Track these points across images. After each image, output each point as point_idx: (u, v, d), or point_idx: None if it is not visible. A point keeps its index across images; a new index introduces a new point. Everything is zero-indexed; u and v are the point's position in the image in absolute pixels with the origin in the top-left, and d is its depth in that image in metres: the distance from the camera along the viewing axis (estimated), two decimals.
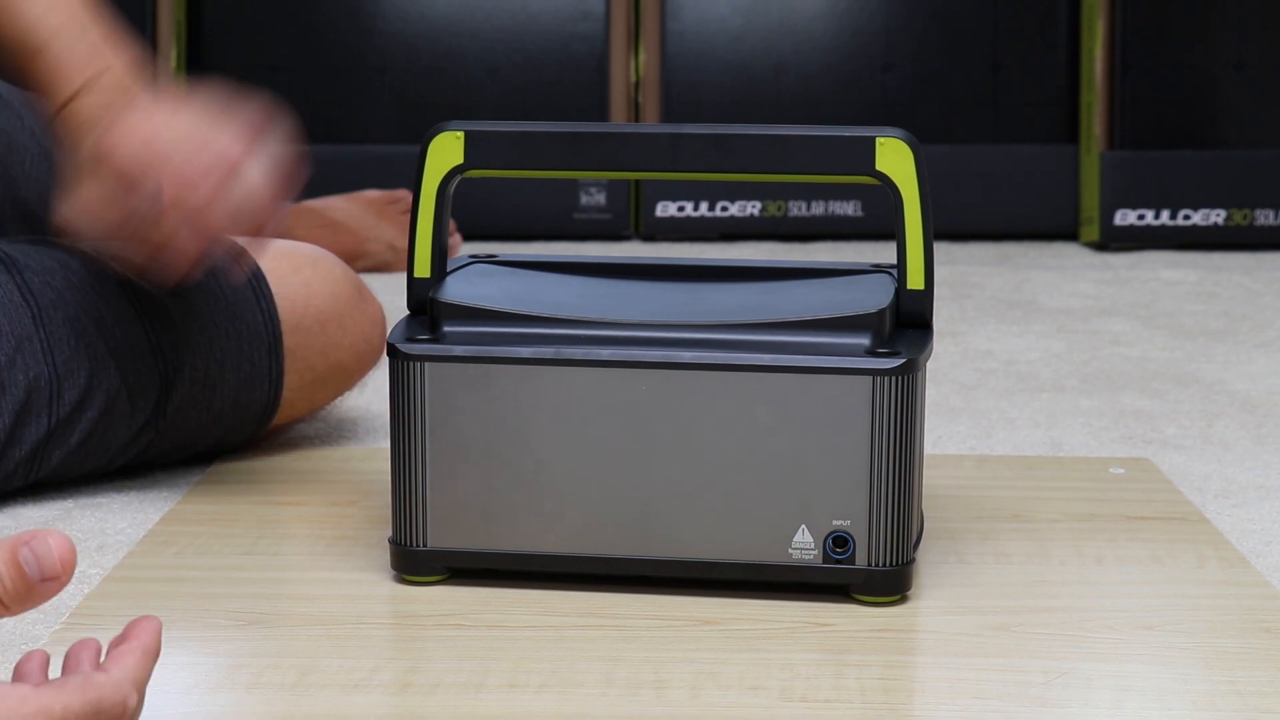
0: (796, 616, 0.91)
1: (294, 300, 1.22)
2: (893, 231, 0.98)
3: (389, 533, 0.97)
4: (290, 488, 1.17)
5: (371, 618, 0.92)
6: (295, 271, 1.23)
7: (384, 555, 0.99)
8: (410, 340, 0.95)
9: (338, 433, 1.32)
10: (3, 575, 0.61)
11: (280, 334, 1.20)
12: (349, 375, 1.28)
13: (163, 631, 0.69)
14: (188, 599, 0.94)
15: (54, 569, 0.61)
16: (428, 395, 0.95)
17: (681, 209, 2.52)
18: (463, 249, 2.28)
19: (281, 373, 1.21)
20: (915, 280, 0.96)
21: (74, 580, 0.97)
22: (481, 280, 1.01)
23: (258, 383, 1.20)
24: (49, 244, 1.17)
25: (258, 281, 1.20)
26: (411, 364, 0.94)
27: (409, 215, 0.98)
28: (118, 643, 0.69)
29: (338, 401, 1.32)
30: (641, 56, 2.51)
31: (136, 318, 1.15)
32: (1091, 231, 2.48)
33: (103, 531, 1.08)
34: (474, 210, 2.38)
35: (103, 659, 0.70)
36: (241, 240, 1.10)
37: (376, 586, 0.96)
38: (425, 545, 0.96)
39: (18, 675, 0.68)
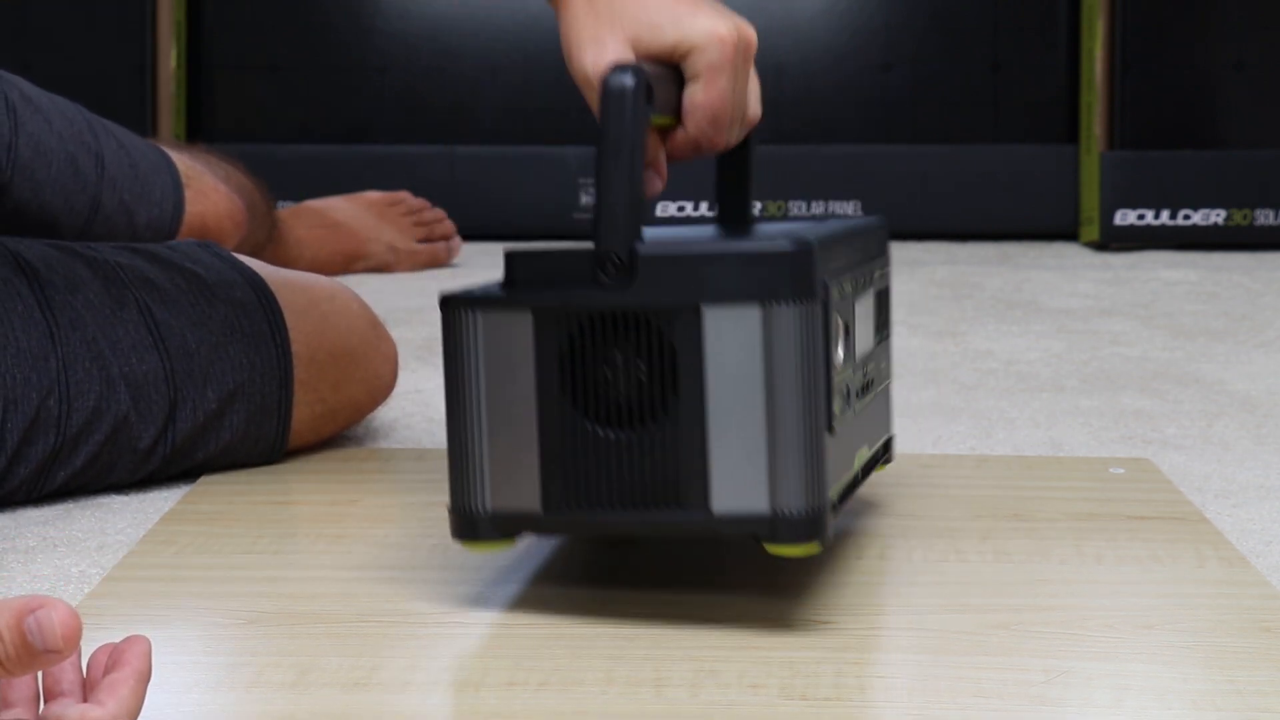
0: (797, 614, 0.91)
1: (309, 334, 1.22)
2: (894, 231, 0.97)
3: (389, 532, 0.97)
4: (290, 487, 1.17)
5: (372, 616, 0.92)
6: (312, 305, 1.23)
7: (384, 554, 0.99)
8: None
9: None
10: (5, 640, 0.61)
11: (292, 369, 1.20)
12: (359, 410, 1.28)
13: (163, 629, 0.69)
14: (188, 598, 0.94)
15: (56, 644, 0.61)
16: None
17: (682, 209, 2.52)
18: (464, 249, 2.28)
19: (291, 408, 1.20)
20: None
21: (74, 580, 0.98)
22: None
23: (267, 417, 1.20)
24: (73, 253, 1.17)
25: (273, 315, 1.20)
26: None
27: (409, 216, 0.96)
28: (108, 668, 0.68)
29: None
30: None
31: (153, 344, 1.15)
32: (1091, 231, 2.48)
33: (103, 531, 1.08)
34: (473, 210, 2.38)
35: (84, 663, 0.70)
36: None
37: (376, 585, 0.96)
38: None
39: (5, 706, 0.67)
